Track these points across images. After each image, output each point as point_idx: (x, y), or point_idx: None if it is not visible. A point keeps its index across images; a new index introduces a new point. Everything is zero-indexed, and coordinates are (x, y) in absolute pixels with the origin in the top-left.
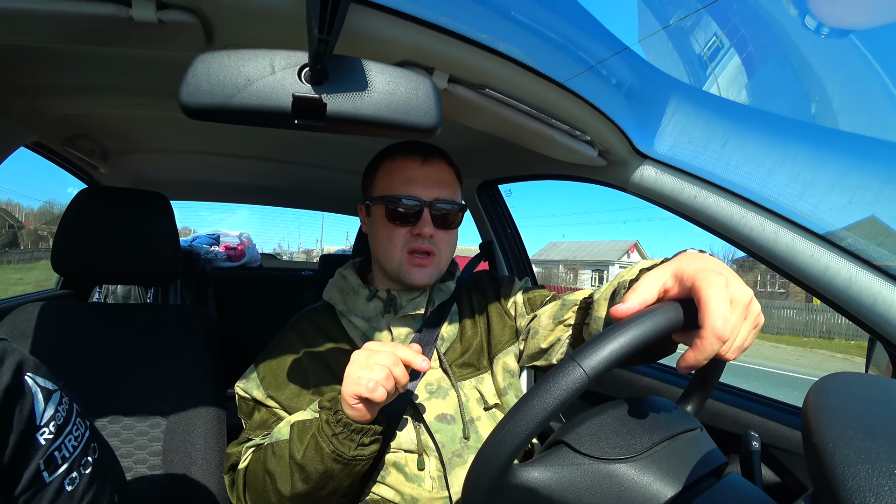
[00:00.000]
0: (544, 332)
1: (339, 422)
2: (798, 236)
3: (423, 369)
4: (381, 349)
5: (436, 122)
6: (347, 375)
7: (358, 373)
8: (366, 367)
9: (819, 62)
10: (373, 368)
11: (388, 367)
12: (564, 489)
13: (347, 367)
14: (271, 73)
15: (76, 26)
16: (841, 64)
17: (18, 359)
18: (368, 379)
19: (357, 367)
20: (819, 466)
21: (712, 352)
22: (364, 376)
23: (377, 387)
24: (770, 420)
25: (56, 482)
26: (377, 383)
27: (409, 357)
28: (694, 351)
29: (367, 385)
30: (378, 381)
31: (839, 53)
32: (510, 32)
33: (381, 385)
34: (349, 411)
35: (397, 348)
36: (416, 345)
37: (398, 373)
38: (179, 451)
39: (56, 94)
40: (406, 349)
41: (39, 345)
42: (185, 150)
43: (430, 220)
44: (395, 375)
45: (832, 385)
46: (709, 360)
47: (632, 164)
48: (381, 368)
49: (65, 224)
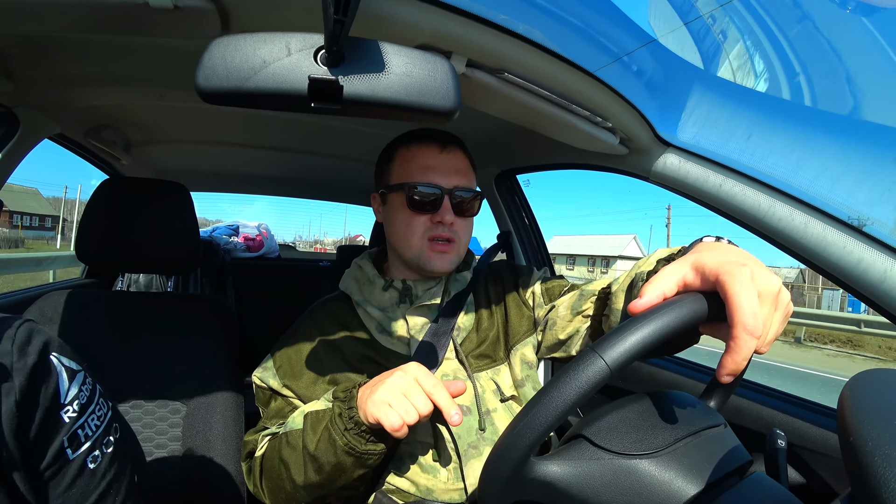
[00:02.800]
0: (562, 323)
1: (351, 418)
2: (829, 227)
3: (455, 423)
4: (422, 387)
5: (454, 104)
6: (377, 394)
7: (389, 399)
8: (399, 399)
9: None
10: (405, 407)
11: (420, 413)
12: (583, 484)
13: (381, 382)
14: (287, 56)
15: (95, 14)
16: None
17: (44, 339)
18: (397, 416)
19: (390, 393)
20: (858, 467)
21: (749, 351)
22: (394, 410)
23: (403, 427)
24: (796, 418)
25: (79, 459)
26: (404, 424)
27: (446, 406)
28: (730, 354)
29: (393, 423)
30: (406, 423)
31: (862, 39)
32: (530, 14)
33: (407, 425)
34: (364, 418)
35: (436, 392)
36: (460, 382)
37: (425, 413)
38: (199, 437)
39: (79, 84)
40: (446, 395)
41: (64, 330)
42: (205, 140)
43: (450, 207)
44: (421, 417)
45: (868, 381)
46: (747, 360)
47: (654, 153)
48: (412, 412)
49: (88, 214)
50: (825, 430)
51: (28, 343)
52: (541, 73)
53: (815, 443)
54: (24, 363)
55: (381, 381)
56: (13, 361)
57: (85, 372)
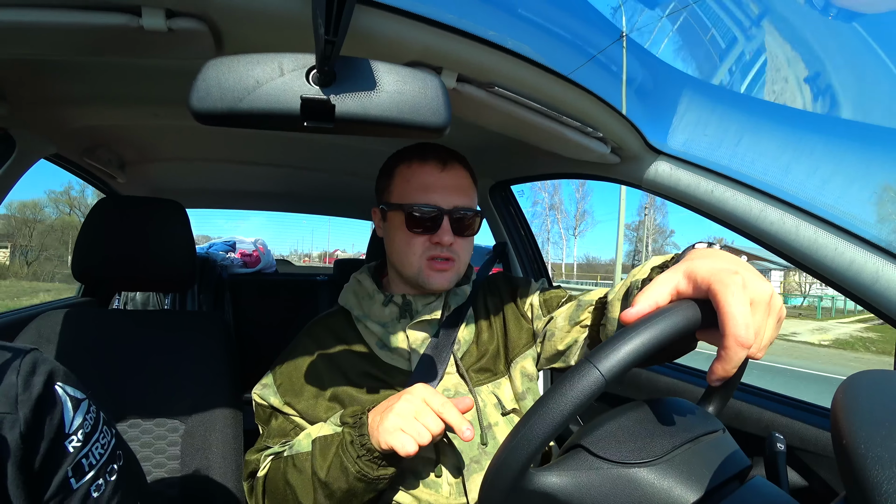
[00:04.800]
0: (560, 334)
1: (363, 445)
2: (821, 230)
3: (467, 438)
4: (431, 408)
5: (445, 121)
6: (388, 421)
7: (401, 424)
8: (411, 423)
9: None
10: (418, 430)
11: (433, 434)
12: (583, 494)
13: (390, 408)
14: (280, 76)
15: (89, 37)
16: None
17: (49, 369)
18: (411, 440)
19: (401, 418)
20: (851, 469)
21: (738, 360)
22: (407, 434)
23: (417, 449)
24: (795, 421)
25: (83, 488)
26: (416, 445)
27: (457, 424)
28: (720, 362)
29: (408, 449)
30: (419, 445)
31: (846, 41)
32: (518, 29)
33: (419, 446)
34: (376, 445)
35: (446, 411)
36: (467, 399)
37: (437, 433)
38: (198, 455)
39: (74, 105)
40: (456, 412)
41: (62, 350)
42: (201, 158)
43: (449, 228)
44: (434, 437)
45: (862, 383)
46: (737, 368)
47: (646, 161)
48: (425, 433)
49: (84, 233)
50: (824, 431)
51: (33, 374)
52: (530, 86)
53: (816, 445)
54: (28, 395)
55: (389, 406)
56: (18, 393)
57: (89, 400)
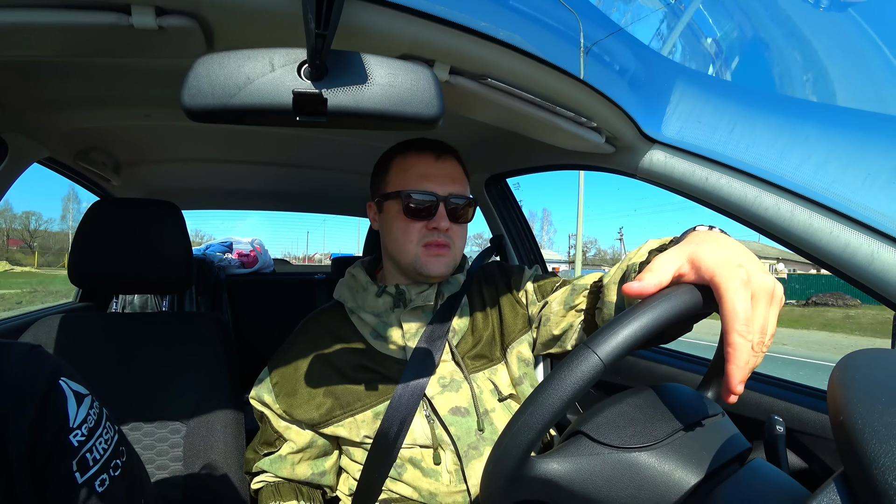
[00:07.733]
0: (556, 319)
1: None
2: (815, 213)
3: None
4: None
5: (437, 112)
6: None
7: None
8: None
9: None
10: None
11: None
12: (584, 480)
13: None
14: (271, 71)
15: (79, 37)
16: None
17: (54, 364)
18: None
19: None
20: (848, 444)
21: (748, 355)
22: None
23: None
24: (794, 404)
25: (87, 483)
26: None
27: None
28: (733, 363)
29: None
30: None
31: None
32: (509, 20)
33: None
34: None
35: None
36: None
37: None
38: (200, 456)
39: (66, 107)
40: None
41: (60, 355)
42: (195, 158)
43: (445, 214)
44: None
45: (858, 361)
46: (750, 364)
47: (640, 150)
48: None
49: (80, 236)
50: (824, 413)
51: (38, 368)
52: (523, 77)
53: (815, 427)
54: (34, 389)
55: None
56: (24, 387)
57: (92, 396)
